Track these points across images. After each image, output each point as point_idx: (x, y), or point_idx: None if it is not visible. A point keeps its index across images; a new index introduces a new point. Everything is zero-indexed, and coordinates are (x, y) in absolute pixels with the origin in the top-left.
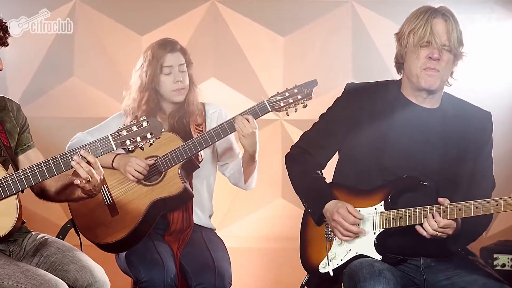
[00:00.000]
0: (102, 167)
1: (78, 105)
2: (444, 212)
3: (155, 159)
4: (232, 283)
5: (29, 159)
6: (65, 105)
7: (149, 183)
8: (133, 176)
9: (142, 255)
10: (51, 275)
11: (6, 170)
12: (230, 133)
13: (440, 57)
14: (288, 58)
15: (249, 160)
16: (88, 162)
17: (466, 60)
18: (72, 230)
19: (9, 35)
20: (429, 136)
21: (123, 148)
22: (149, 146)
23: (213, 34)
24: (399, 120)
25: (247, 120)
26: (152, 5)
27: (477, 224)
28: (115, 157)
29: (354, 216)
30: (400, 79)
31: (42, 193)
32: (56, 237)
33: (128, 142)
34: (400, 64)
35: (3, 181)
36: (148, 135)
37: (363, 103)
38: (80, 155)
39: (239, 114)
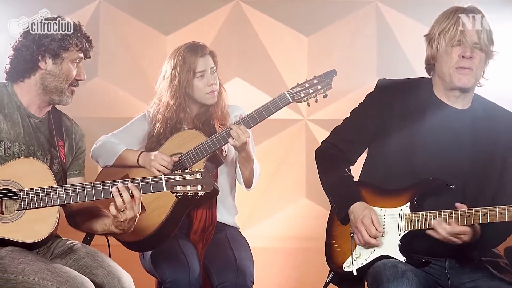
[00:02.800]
0: (128, 166)
1: (101, 105)
2: (469, 217)
3: (180, 156)
4: (254, 281)
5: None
6: (88, 105)
7: None
8: (159, 171)
9: (167, 255)
10: (77, 273)
11: (57, 182)
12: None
13: (472, 55)
14: (312, 58)
15: (245, 161)
16: (132, 195)
17: (497, 59)
18: None
19: (93, 47)
20: (458, 137)
21: (171, 191)
22: (196, 198)
23: (237, 34)
24: (430, 119)
25: (241, 130)
26: (176, 5)
27: (500, 231)
28: (140, 154)
29: (376, 229)
30: (431, 78)
31: (71, 217)
32: (85, 236)
33: (178, 188)
34: (431, 66)
35: (50, 191)
36: (199, 187)
37: (394, 100)
38: (128, 187)
39: (234, 123)
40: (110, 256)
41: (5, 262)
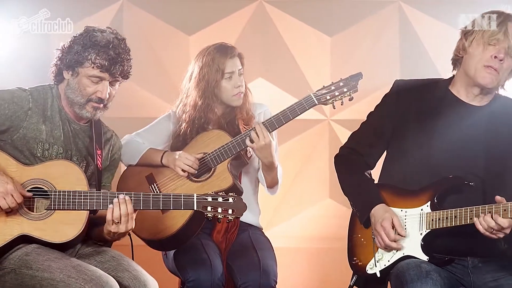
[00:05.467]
0: (152, 165)
1: (124, 105)
2: (505, 210)
3: (204, 154)
4: (277, 281)
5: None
6: (111, 105)
7: (198, 180)
8: (183, 170)
9: (190, 255)
10: (102, 272)
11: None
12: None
13: (504, 59)
14: (335, 58)
15: (267, 169)
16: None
17: None
18: None
19: (121, 68)
20: (475, 134)
21: (201, 211)
22: (227, 221)
23: (261, 34)
24: (446, 118)
25: (262, 134)
26: (199, 5)
27: None
28: (163, 154)
29: (397, 233)
30: (451, 77)
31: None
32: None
33: (209, 209)
34: (458, 58)
35: (82, 195)
36: (230, 211)
37: (411, 101)
38: (125, 199)
39: (262, 122)
40: (133, 256)
41: (30, 259)
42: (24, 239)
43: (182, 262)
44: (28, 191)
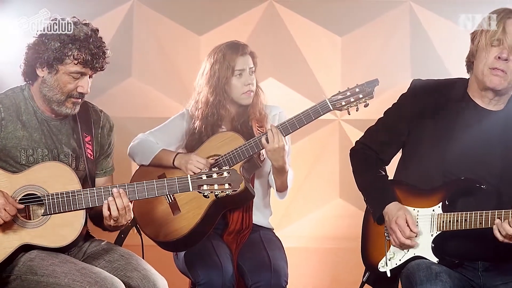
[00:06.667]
0: (164, 166)
1: (135, 105)
2: None
3: (216, 158)
4: (288, 281)
5: (100, 186)
6: (122, 105)
7: None
8: (194, 173)
9: (200, 257)
10: (107, 273)
11: (85, 181)
12: (289, 132)
13: (508, 58)
14: (345, 58)
15: (277, 173)
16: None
17: None
18: (133, 229)
19: (102, 59)
20: (490, 139)
21: (198, 191)
22: (225, 196)
23: (271, 34)
24: (462, 121)
25: (277, 136)
26: (210, 5)
27: None
28: (176, 156)
29: (410, 230)
30: (468, 78)
31: (93, 218)
32: (118, 235)
33: (205, 187)
34: (471, 63)
35: (75, 194)
36: (226, 185)
37: (427, 101)
38: (119, 192)
39: (276, 126)
40: (143, 256)
41: (34, 264)
42: (25, 248)
43: (193, 263)
44: (21, 198)
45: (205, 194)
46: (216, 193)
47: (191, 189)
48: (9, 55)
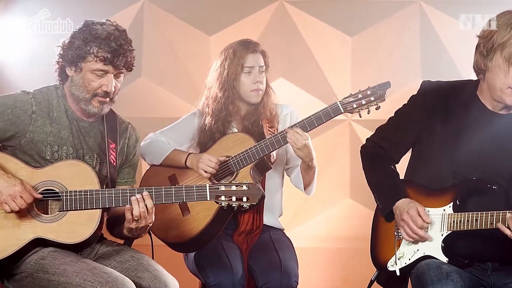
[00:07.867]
0: (175, 166)
1: (145, 105)
2: None
3: (227, 158)
4: (299, 282)
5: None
6: (132, 105)
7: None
8: (206, 172)
9: (210, 258)
10: (118, 273)
11: (105, 186)
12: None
13: None
14: (356, 58)
15: (307, 168)
16: (146, 205)
17: None
18: None
19: (124, 59)
20: (500, 140)
21: (215, 201)
22: (242, 210)
23: (281, 34)
24: (472, 123)
25: (298, 133)
26: (220, 5)
27: None
28: (187, 156)
29: (423, 220)
30: (478, 80)
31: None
32: None
33: (223, 198)
34: (481, 71)
35: (93, 193)
36: (244, 199)
37: (438, 103)
38: (142, 196)
39: (289, 127)
40: (153, 256)
41: (46, 263)
42: (39, 242)
43: (203, 264)
44: (40, 193)
45: (223, 204)
46: (234, 205)
47: (208, 199)
48: (16, 55)
